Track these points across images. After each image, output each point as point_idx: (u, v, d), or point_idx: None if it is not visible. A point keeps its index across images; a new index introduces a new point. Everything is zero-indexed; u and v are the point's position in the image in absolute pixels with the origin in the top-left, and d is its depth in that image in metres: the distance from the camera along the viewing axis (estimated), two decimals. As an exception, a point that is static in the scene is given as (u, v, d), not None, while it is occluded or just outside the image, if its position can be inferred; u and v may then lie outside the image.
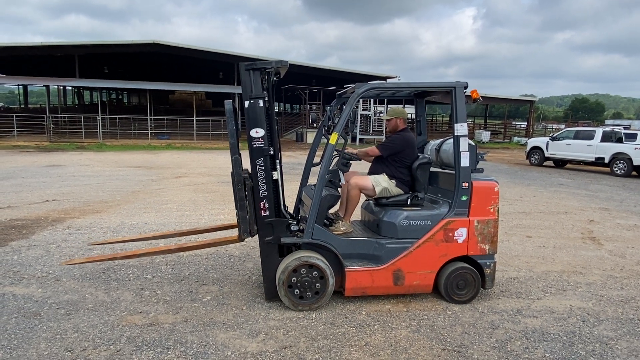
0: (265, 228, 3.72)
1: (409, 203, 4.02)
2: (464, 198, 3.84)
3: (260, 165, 3.66)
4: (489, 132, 30.54)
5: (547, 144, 16.42)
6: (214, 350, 3.02)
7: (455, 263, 3.91)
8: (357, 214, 4.38)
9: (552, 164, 16.82)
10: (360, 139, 24.24)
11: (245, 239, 3.87)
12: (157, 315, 3.50)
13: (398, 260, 3.79)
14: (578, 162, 15.67)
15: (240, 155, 3.70)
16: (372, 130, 25.14)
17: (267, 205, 3.70)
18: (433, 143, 4.56)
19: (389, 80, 26.79)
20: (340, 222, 4.08)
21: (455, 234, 3.85)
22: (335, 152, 3.91)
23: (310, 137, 23.03)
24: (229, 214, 6.89)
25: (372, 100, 24.50)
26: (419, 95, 4.65)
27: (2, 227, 5.85)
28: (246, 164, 3.73)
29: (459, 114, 3.81)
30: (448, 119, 39.84)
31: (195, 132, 22.40)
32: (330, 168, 3.92)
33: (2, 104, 34.21)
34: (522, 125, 37.53)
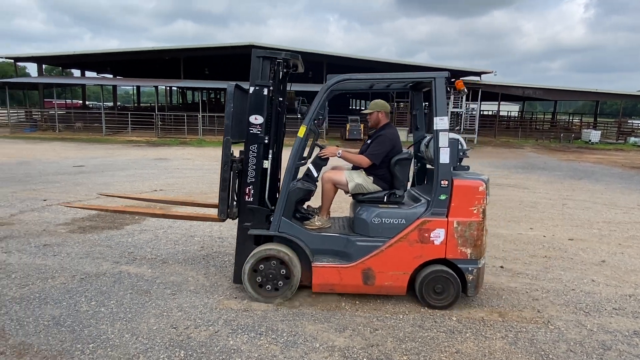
0: (246, 213, 3.77)
1: (385, 200, 3.78)
2: (442, 197, 3.55)
3: (252, 152, 3.72)
4: (599, 132, 27.46)
5: (673, 145, 14.33)
6: (303, 340, 3.11)
7: (433, 266, 3.62)
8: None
9: (679, 169, 14.64)
10: (450, 138, 23.25)
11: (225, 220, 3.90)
12: (250, 302, 3.69)
13: (368, 258, 3.62)
14: None
15: (230, 138, 3.74)
16: (463, 129, 23.94)
17: (252, 192, 3.74)
18: (428, 138, 4.21)
19: (483, 77, 25.35)
20: (316, 216, 3.97)
21: (431, 235, 3.57)
22: (317, 147, 3.90)
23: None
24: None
25: (464, 97, 23.33)
26: (415, 88, 4.35)
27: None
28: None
29: (439, 106, 3.54)
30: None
31: (285, 129, 23.20)
32: (310, 162, 3.88)
33: (120, 103, 38.50)
34: (640, 124, 33.19)
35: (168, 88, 35.91)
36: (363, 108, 43.89)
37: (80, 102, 34.26)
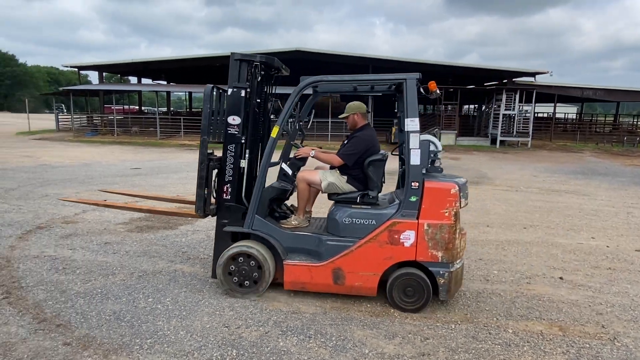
0: (223, 210, 3.88)
1: (358, 201, 3.72)
2: (413, 199, 3.49)
3: (230, 151, 3.82)
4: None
5: None
6: (352, 345, 3.09)
7: (404, 268, 3.53)
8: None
9: None
10: (501, 141, 22.41)
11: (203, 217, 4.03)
12: (299, 304, 3.71)
13: (338, 258, 3.61)
14: None
15: (208, 137, 3.84)
16: (516, 132, 22.94)
17: (229, 190, 3.86)
18: None
19: (538, 77, 24.23)
20: (293, 215, 3.99)
21: (401, 237, 3.49)
22: (294, 147, 3.95)
23: (445, 138, 22.11)
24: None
25: (517, 98, 22.39)
26: (398, 90, 4.18)
27: (173, 213, 6.86)
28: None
29: (410, 108, 3.48)
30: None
31: (329, 133, 23.30)
32: (288, 162, 3.97)
33: (173, 108, 40.24)
34: None
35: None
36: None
37: (137, 107, 36.13)
